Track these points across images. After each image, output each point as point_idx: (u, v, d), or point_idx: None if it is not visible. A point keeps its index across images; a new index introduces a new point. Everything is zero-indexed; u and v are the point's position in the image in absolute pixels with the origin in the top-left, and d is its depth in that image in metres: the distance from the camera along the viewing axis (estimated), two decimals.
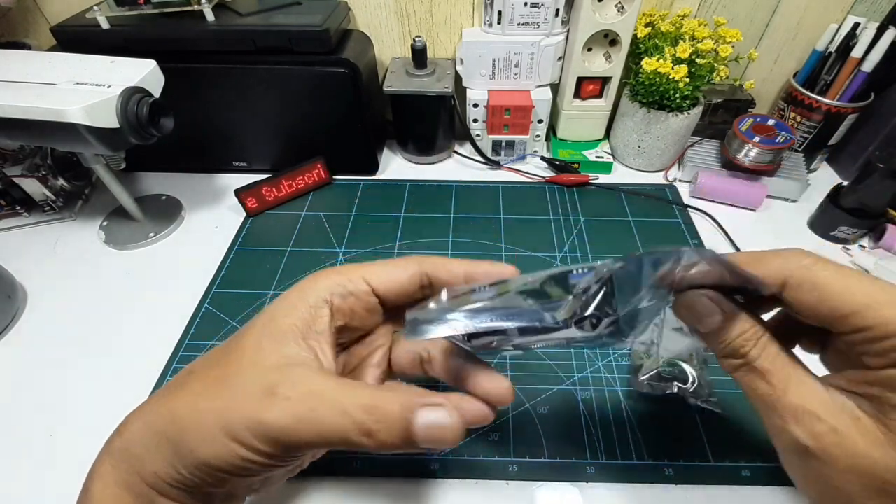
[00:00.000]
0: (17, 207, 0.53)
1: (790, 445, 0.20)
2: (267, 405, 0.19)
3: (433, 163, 0.63)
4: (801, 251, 0.21)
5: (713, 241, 0.51)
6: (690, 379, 0.37)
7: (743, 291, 0.22)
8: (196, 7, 0.48)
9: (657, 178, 0.60)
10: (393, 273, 0.23)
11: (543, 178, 0.59)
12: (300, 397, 0.19)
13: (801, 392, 0.20)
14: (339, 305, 0.22)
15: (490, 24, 0.55)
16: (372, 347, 0.25)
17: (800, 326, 0.23)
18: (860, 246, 0.50)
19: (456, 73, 0.58)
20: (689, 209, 0.55)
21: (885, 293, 0.19)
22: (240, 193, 0.53)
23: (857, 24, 0.51)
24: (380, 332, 0.26)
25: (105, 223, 0.53)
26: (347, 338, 0.24)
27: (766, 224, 0.54)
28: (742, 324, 0.21)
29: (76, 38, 0.49)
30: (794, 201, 0.57)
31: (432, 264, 0.24)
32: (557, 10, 0.53)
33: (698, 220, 0.54)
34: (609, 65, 0.56)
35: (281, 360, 0.20)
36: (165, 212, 0.55)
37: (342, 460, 0.34)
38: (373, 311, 0.23)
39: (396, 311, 0.24)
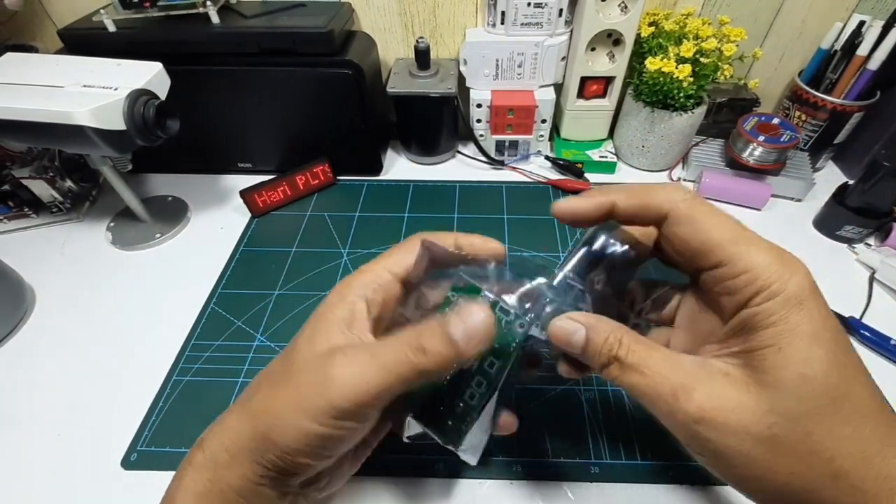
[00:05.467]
0: (26, 209, 0.53)
1: (684, 427, 0.20)
2: (332, 375, 0.21)
3: (437, 163, 0.63)
4: (680, 187, 0.22)
5: None
6: None
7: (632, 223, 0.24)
8: (201, 10, 0.49)
9: (661, 178, 0.60)
10: (407, 258, 0.26)
11: (546, 178, 0.59)
12: (356, 357, 0.21)
13: (672, 370, 0.20)
14: (372, 298, 0.25)
15: (493, 25, 0.55)
16: None
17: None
18: (866, 244, 0.50)
19: (459, 73, 0.58)
20: None
21: (745, 233, 0.20)
22: (245, 194, 0.53)
23: (862, 23, 0.51)
24: None
25: (112, 224, 0.54)
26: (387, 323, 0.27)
27: (771, 224, 0.54)
28: (602, 332, 0.22)
29: (83, 40, 0.49)
30: (799, 201, 0.56)
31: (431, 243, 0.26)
32: (561, 10, 0.53)
33: None
34: (613, 64, 0.56)
35: (332, 346, 0.23)
36: (171, 213, 0.55)
37: None
38: (399, 296, 0.26)
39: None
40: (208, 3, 0.48)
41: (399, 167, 0.63)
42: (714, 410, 0.19)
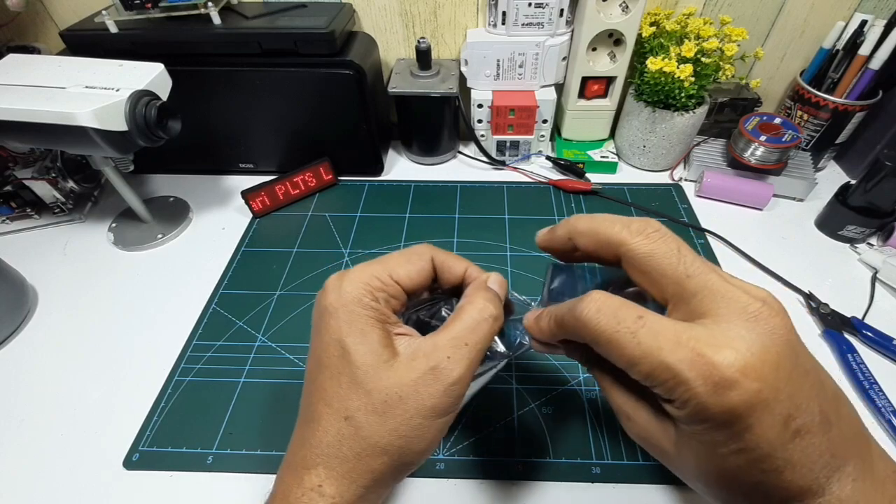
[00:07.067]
0: (28, 210, 0.54)
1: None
2: (442, 372, 0.22)
3: (438, 163, 0.63)
4: (628, 230, 0.22)
5: (719, 248, 0.51)
6: None
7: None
8: (203, 10, 0.49)
9: (663, 178, 0.60)
10: (413, 270, 0.27)
11: (548, 179, 0.59)
12: (451, 348, 0.23)
13: (628, 405, 0.23)
14: (385, 307, 0.25)
15: (494, 25, 0.55)
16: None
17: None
18: (868, 244, 0.50)
19: (460, 73, 0.58)
20: (695, 205, 0.55)
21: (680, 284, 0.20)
22: (246, 195, 0.53)
23: (864, 22, 0.51)
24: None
25: (114, 225, 0.54)
26: None
27: (773, 224, 0.54)
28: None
29: (85, 42, 0.50)
30: (801, 200, 0.56)
31: (440, 263, 0.28)
32: (562, 11, 0.52)
33: (704, 220, 0.54)
34: (614, 64, 0.56)
35: (410, 353, 0.23)
36: (173, 213, 0.55)
37: None
38: (403, 302, 0.27)
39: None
40: (210, 3, 0.48)
41: (400, 167, 0.63)
42: (661, 460, 0.22)
